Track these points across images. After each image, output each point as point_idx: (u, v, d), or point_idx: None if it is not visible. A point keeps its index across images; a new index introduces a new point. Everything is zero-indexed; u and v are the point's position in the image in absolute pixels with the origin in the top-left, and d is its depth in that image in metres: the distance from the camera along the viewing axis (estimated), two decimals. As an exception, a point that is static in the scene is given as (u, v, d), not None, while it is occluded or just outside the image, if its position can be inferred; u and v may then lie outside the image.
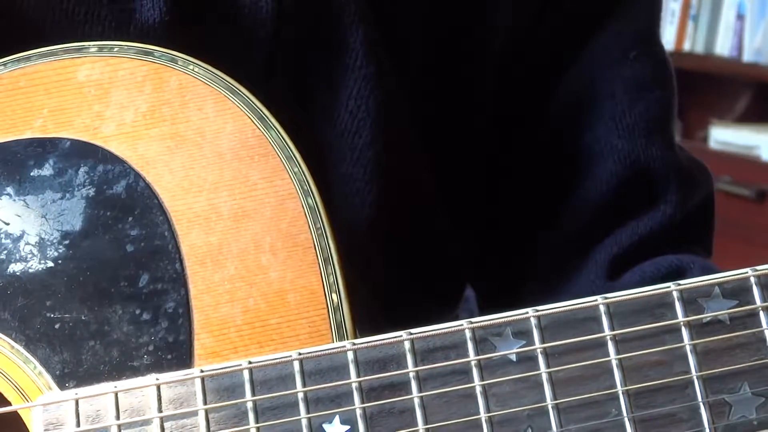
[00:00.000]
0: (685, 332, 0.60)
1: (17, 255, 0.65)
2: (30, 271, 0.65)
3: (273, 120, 0.67)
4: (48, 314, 0.64)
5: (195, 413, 0.60)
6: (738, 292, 0.60)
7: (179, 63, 0.68)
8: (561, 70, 0.88)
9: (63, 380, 0.63)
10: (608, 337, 0.60)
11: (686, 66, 3.10)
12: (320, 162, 0.67)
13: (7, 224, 0.66)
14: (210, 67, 0.68)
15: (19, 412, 0.63)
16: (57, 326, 0.64)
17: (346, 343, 0.61)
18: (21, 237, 0.65)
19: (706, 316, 0.60)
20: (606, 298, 0.61)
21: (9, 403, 0.63)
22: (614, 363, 0.60)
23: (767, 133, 3.07)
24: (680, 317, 0.60)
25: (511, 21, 0.86)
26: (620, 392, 0.59)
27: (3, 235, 0.66)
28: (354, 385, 0.60)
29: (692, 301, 0.60)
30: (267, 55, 0.78)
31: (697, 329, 0.60)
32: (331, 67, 0.79)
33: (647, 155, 0.85)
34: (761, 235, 2.85)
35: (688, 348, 0.60)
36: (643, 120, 0.86)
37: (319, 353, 0.61)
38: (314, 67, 0.80)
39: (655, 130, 0.86)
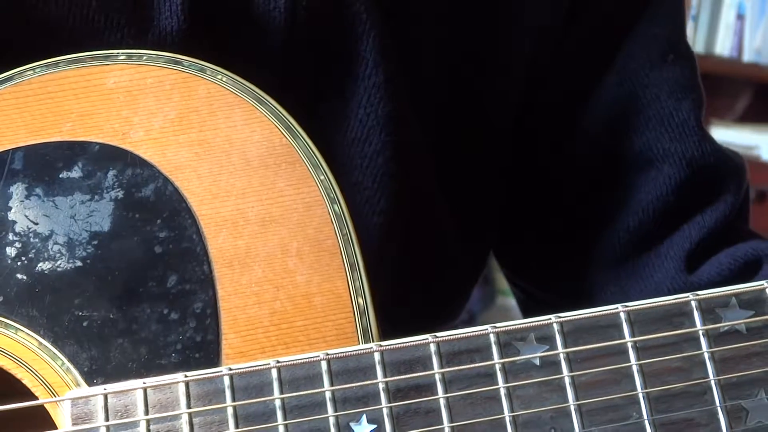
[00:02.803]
0: (703, 340, 0.62)
1: (46, 254, 0.66)
2: (58, 269, 0.66)
3: (299, 129, 0.69)
4: (76, 312, 0.65)
5: (224, 410, 0.61)
6: (754, 302, 0.62)
7: (207, 72, 0.70)
8: (596, 75, 0.89)
9: (91, 377, 0.64)
10: (629, 344, 0.62)
11: None
12: (331, 170, 0.68)
13: (36, 224, 0.67)
14: (237, 77, 0.70)
15: (46, 407, 0.64)
16: (85, 324, 0.65)
17: (373, 345, 0.62)
18: (50, 236, 0.66)
19: (724, 325, 0.62)
20: (626, 306, 0.62)
21: (36, 398, 0.64)
22: (635, 369, 0.61)
23: (767, 133, 3.08)
24: (699, 326, 0.62)
25: (537, 30, 0.87)
26: (641, 396, 0.61)
27: (32, 235, 0.66)
28: (381, 386, 0.61)
29: (710, 310, 0.62)
30: (280, 62, 0.79)
31: (715, 338, 0.62)
32: (342, 75, 0.81)
33: (701, 153, 0.88)
34: (761, 236, 2.86)
35: (706, 356, 0.62)
36: (690, 119, 0.88)
37: (346, 354, 0.62)
38: (326, 76, 0.81)
39: (700, 126, 0.89)
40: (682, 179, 0.87)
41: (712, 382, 0.61)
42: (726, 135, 3.15)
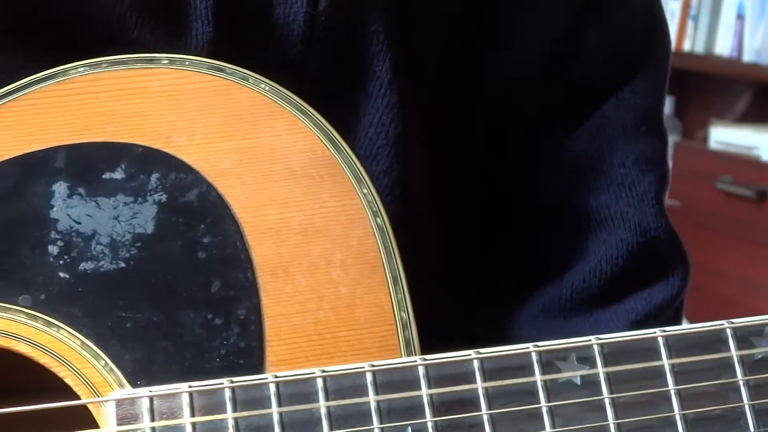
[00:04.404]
0: (738, 367, 0.64)
1: (89, 254, 0.66)
2: (101, 270, 0.66)
3: (342, 141, 0.69)
4: (119, 313, 0.65)
5: (269, 416, 0.62)
6: (787, 332, 0.65)
7: (250, 81, 0.71)
8: (570, 126, 0.91)
9: (134, 378, 0.64)
10: (667, 367, 0.63)
11: (686, 66, 3.12)
12: None
13: (79, 223, 0.67)
14: (280, 87, 0.71)
15: (89, 406, 0.64)
16: (128, 325, 0.65)
17: (418, 359, 0.63)
18: (92, 236, 0.66)
19: (758, 353, 0.64)
20: (664, 330, 0.64)
21: (78, 398, 0.64)
22: (672, 392, 0.63)
23: (767, 133, 3.09)
24: (733, 353, 0.64)
25: (523, 67, 0.89)
26: (678, 418, 0.63)
27: (74, 234, 0.66)
28: (425, 399, 0.62)
29: (744, 338, 0.64)
30: (294, 74, 0.80)
31: (749, 365, 0.64)
32: (355, 92, 0.81)
33: (656, 225, 0.88)
34: (761, 235, 2.86)
35: (741, 382, 0.64)
36: (651, 191, 0.89)
37: (391, 366, 0.63)
38: (339, 91, 0.81)
39: (660, 202, 0.90)
40: (633, 246, 0.87)
41: (747, 408, 0.63)
42: (726, 135, 3.17)
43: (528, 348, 0.64)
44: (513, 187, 0.93)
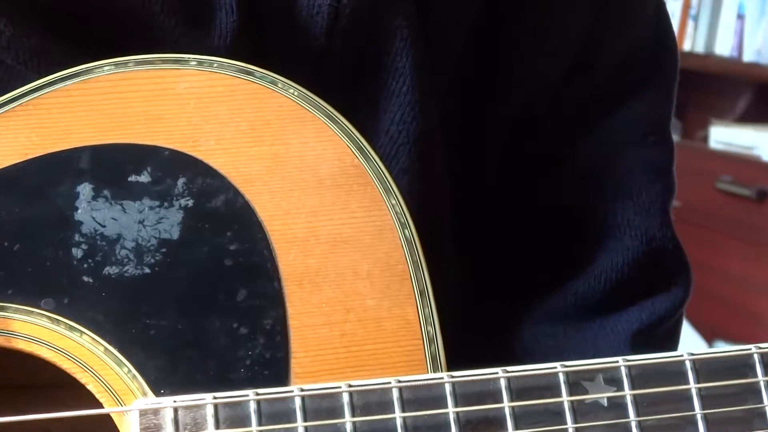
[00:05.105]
0: (764, 393, 0.64)
1: (113, 258, 0.65)
2: (126, 275, 0.65)
3: (371, 150, 0.69)
4: (144, 319, 0.64)
5: (294, 430, 0.61)
6: (816, 359, 0.64)
7: (279, 85, 0.70)
8: (577, 134, 0.91)
9: (157, 386, 0.63)
10: (694, 391, 0.63)
11: (686, 66, 3.12)
12: None
13: (103, 226, 0.66)
14: (309, 93, 0.70)
15: (112, 414, 0.63)
16: (152, 332, 0.64)
17: (444, 375, 0.63)
18: (117, 240, 0.66)
19: (785, 379, 0.64)
20: (692, 354, 0.64)
21: (101, 405, 0.63)
22: (699, 416, 0.63)
23: (767, 133, 3.08)
24: (760, 378, 0.64)
25: (537, 75, 0.89)
26: (704, 443, 0.63)
27: (99, 237, 0.66)
28: (452, 416, 0.62)
29: (772, 365, 0.64)
30: (315, 69, 0.79)
31: (776, 391, 0.64)
32: (377, 89, 0.80)
33: (662, 235, 0.89)
34: (761, 235, 2.87)
35: (767, 408, 0.63)
36: (658, 201, 0.89)
37: (418, 382, 0.62)
38: (360, 88, 0.81)
39: (666, 212, 0.90)
40: (639, 254, 0.88)
41: (773, 435, 0.63)
42: (726, 135, 3.16)
43: (555, 368, 0.63)
44: (522, 190, 0.92)
